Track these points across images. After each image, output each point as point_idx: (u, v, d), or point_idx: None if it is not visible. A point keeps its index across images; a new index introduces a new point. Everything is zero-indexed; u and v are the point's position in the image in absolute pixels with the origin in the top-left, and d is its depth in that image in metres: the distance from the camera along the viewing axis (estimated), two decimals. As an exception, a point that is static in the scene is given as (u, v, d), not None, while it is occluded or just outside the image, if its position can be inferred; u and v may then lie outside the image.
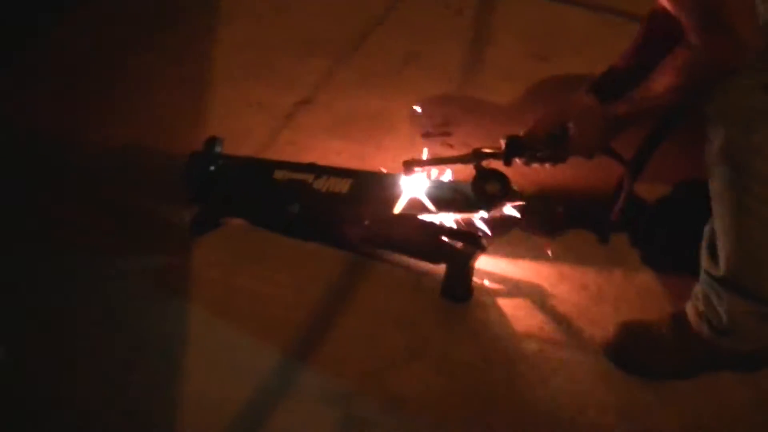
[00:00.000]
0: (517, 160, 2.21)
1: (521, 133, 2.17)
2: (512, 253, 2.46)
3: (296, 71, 3.30)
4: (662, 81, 1.83)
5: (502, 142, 2.18)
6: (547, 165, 2.21)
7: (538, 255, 2.46)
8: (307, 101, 3.14)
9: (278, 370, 2.18)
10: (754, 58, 1.68)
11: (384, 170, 2.60)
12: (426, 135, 2.85)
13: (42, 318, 2.31)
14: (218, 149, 2.60)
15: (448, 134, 2.82)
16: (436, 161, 2.42)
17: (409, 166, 2.37)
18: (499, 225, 2.38)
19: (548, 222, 2.40)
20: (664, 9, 1.85)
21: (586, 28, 3.49)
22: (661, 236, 2.37)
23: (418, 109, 2.79)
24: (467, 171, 2.34)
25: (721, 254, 1.92)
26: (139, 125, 3.03)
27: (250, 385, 2.13)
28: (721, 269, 1.94)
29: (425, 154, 2.55)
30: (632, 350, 2.15)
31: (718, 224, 1.91)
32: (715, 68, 1.73)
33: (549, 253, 2.38)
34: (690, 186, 2.37)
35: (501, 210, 2.36)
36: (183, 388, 2.13)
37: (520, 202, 2.34)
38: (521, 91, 3.10)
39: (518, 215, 2.35)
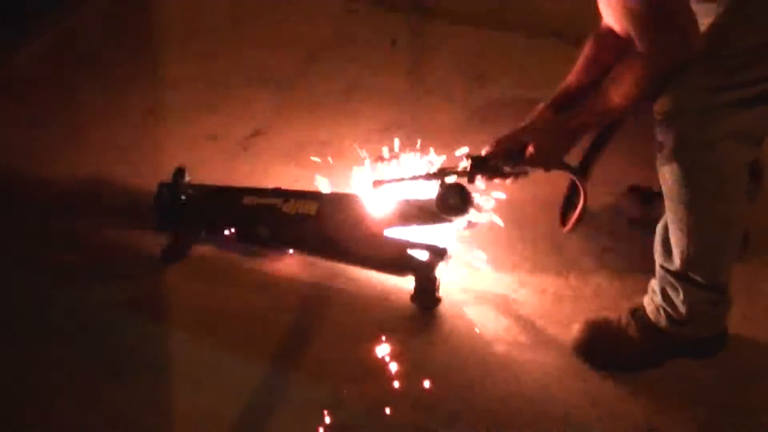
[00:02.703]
0: (480, 177, 2.31)
1: (483, 152, 2.27)
2: (475, 265, 2.59)
3: (248, 104, 3.39)
4: (615, 90, 1.94)
5: (467, 161, 2.29)
6: (508, 181, 2.32)
7: (499, 266, 2.59)
8: (260, 132, 3.23)
9: (261, 383, 2.27)
10: (702, 62, 1.81)
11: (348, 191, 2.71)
12: (377, 159, 2.95)
13: (18, 346, 2.37)
14: (186, 179, 2.67)
15: (396, 157, 2.92)
16: (404, 180, 2.52)
17: (378, 185, 2.48)
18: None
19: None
20: (608, 28, 1.99)
21: (515, 49, 3.64)
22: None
23: (357, 147, 2.88)
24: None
25: (675, 249, 2.06)
26: (101, 157, 3.10)
27: (236, 400, 2.21)
28: (676, 264, 2.07)
29: (385, 173, 2.66)
30: (597, 346, 2.28)
31: (672, 220, 2.03)
32: (666, 66, 1.84)
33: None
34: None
35: (464, 220, 2.47)
36: (169, 407, 2.19)
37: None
38: (462, 112, 3.25)
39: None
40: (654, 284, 2.19)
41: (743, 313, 2.33)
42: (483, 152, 2.26)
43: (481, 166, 2.25)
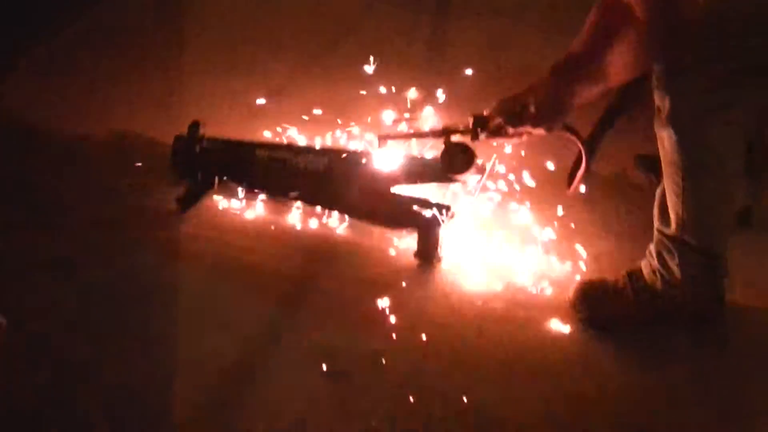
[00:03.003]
0: (483, 137, 2.34)
1: (485, 112, 2.31)
2: (479, 223, 2.64)
3: (268, 66, 3.46)
4: (613, 55, 1.98)
5: (470, 120, 2.33)
6: (511, 141, 2.38)
7: (502, 226, 2.64)
8: (279, 92, 3.28)
9: (264, 328, 2.35)
10: (700, 29, 1.83)
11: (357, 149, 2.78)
12: (394, 122, 3.00)
13: (43, 289, 2.44)
14: (201, 132, 2.75)
15: (414, 120, 2.97)
16: (409, 135, 2.58)
17: (383, 139, 2.54)
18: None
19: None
20: None
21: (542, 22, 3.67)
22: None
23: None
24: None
25: (671, 213, 2.10)
26: (121, 115, 3.18)
27: (238, 342, 2.29)
28: (672, 227, 2.12)
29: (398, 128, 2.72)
30: (593, 305, 2.32)
31: (668, 185, 2.08)
32: (663, 32, 1.88)
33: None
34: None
35: (468, 179, 2.53)
36: (174, 345, 2.27)
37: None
38: (480, 79, 3.26)
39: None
40: (651, 248, 2.23)
41: (743, 286, 2.36)
42: (485, 112, 2.30)
43: (483, 124, 2.29)
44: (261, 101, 3.22)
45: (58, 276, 2.46)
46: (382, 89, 3.10)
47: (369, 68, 3.12)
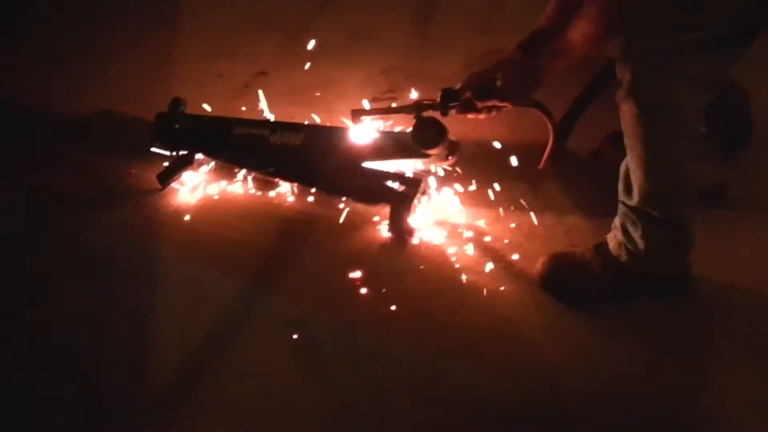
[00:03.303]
0: (453, 111, 2.39)
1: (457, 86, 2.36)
2: (450, 200, 2.69)
3: (253, 47, 3.50)
4: (575, 28, 2.03)
5: (439, 94, 2.38)
6: (481, 116, 2.40)
7: (475, 202, 2.69)
8: (263, 73, 3.33)
9: (237, 299, 2.41)
10: (659, 3, 1.86)
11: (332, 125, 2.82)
12: (373, 100, 3.04)
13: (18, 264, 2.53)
14: (182, 109, 2.79)
15: (393, 99, 3.01)
16: (381, 111, 2.61)
17: (356, 115, 2.57)
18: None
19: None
20: None
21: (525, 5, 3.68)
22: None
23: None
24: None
25: (634, 186, 2.14)
26: (109, 95, 3.25)
27: (211, 313, 2.36)
28: (635, 199, 2.16)
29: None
30: (559, 277, 2.37)
31: (630, 158, 2.12)
32: (621, 5, 1.92)
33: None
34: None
35: (439, 153, 2.56)
36: (156, 317, 2.34)
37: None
38: (462, 61, 3.30)
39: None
40: (616, 221, 2.28)
41: (711, 261, 2.39)
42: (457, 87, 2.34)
43: (451, 98, 2.34)
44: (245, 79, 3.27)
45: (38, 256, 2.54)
46: (364, 69, 3.13)
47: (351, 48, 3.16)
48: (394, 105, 2.69)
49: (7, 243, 2.60)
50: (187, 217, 2.67)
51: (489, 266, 2.47)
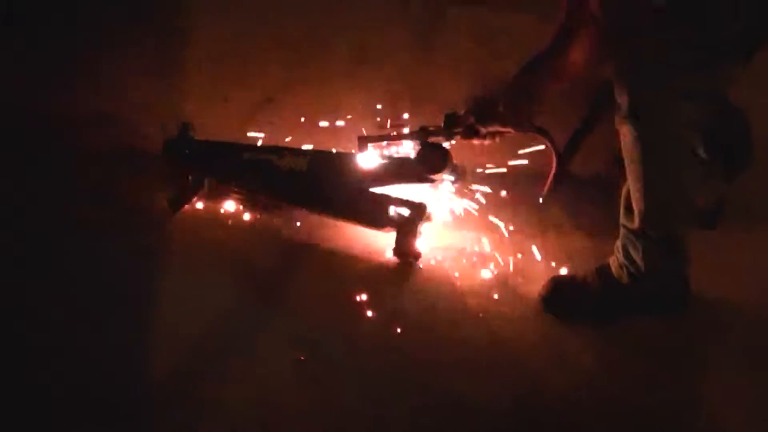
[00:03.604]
0: (457, 138, 2.45)
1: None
2: (456, 224, 2.73)
3: (259, 73, 3.51)
4: (573, 50, 2.07)
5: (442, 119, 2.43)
6: (486, 141, 2.45)
7: (479, 226, 2.71)
8: (270, 99, 3.36)
9: (245, 317, 2.47)
10: (656, 25, 1.89)
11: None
12: (379, 126, 3.05)
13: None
14: (191, 134, 2.83)
15: (399, 125, 3.03)
16: (388, 138, 2.66)
17: (362, 142, 2.63)
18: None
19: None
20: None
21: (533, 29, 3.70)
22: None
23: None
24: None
25: (635, 208, 2.17)
26: (116, 111, 3.24)
27: (219, 330, 2.42)
28: (635, 222, 2.19)
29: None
30: (561, 297, 2.41)
31: (631, 180, 2.15)
32: (619, 29, 1.95)
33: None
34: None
35: (442, 179, 2.60)
36: (161, 330, 2.40)
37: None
38: (467, 85, 3.31)
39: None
40: (618, 244, 2.31)
41: (708, 275, 2.42)
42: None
43: (454, 123, 2.38)
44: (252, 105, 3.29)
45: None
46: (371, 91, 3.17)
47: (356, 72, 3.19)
48: (402, 131, 2.71)
49: (7, 244, 2.63)
50: (194, 238, 2.71)
51: (492, 289, 2.51)
